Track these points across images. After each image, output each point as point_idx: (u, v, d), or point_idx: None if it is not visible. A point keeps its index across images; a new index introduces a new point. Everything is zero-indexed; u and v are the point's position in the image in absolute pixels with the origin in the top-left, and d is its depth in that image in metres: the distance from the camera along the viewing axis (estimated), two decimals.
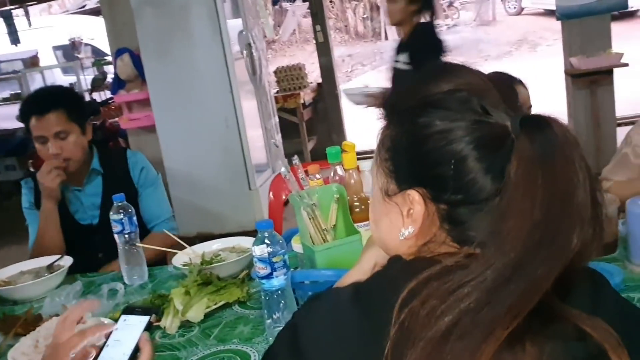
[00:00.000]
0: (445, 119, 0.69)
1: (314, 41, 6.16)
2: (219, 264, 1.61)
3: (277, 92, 5.83)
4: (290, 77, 5.87)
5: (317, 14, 6.03)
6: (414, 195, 0.71)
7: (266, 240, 1.18)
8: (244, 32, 4.40)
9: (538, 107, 0.76)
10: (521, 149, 0.65)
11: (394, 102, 0.76)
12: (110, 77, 6.81)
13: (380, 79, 13.29)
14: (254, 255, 1.20)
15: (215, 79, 4.02)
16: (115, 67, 4.26)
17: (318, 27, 6.00)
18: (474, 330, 0.60)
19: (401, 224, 0.74)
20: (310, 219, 1.33)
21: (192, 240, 1.84)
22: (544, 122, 0.67)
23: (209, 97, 4.06)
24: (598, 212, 0.66)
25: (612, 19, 4.23)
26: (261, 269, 1.19)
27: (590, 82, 3.93)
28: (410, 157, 0.72)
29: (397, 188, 0.74)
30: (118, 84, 4.24)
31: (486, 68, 0.80)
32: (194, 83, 4.06)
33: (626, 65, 4.01)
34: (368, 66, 13.99)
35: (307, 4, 18.09)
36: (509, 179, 0.65)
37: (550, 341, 0.63)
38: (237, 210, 4.03)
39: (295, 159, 1.35)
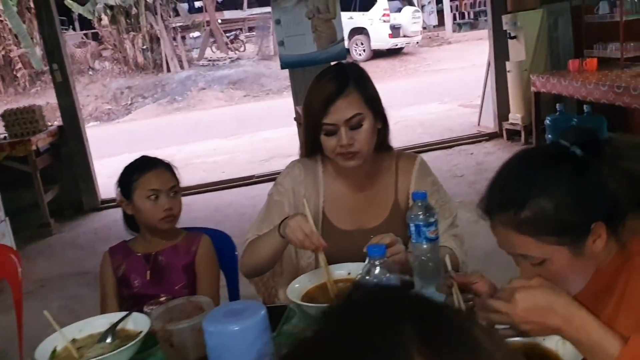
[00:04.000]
0: None
1: (53, 81, 5.62)
2: None
3: (5, 138, 5.19)
4: (22, 120, 5.25)
5: (54, 52, 5.51)
6: None
7: None
8: None
9: None
10: None
11: None
12: None
13: (162, 112, 12.84)
14: None
15: None
16: None
17: (55, 66, 5.49)
18: None
19: None
20: None
21: None
22: None
23: None
24: None
25: None
26: None
27: None
28: None
29: None
30: None
31: (267, 103, 0.59)
32: None
33: None
34: (149, 98, 13.49)
35: (81, 32, 16.95)
36: None
37: None
38: None
39: None
